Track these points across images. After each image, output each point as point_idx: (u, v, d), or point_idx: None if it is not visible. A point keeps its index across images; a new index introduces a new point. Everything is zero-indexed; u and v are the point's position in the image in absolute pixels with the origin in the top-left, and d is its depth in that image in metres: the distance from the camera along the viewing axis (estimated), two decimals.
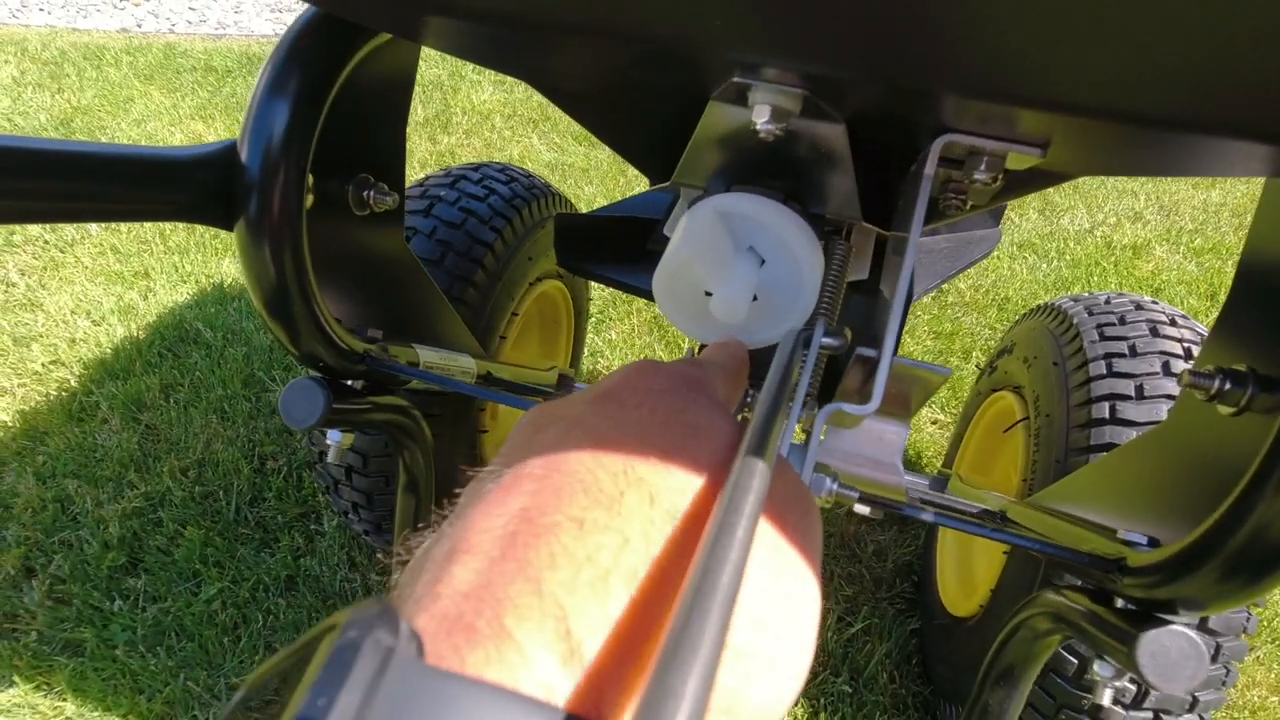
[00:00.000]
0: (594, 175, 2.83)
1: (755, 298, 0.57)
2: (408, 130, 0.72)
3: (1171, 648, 0.51)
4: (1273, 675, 1.36)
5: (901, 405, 0.53)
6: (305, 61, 0.60)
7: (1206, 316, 2.38)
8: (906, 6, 0.36)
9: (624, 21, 0.44)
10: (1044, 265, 2.57)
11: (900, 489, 0.54)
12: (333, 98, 0.62)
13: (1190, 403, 0.59)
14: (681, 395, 0.28)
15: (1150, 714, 0.87)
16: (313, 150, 0.60)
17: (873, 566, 1.49)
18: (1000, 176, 0.51)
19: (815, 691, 1.26)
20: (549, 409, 0.27)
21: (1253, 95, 0.35)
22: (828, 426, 0.55)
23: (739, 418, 0.56)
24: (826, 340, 0.50)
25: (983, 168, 0.50)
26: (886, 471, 0.54)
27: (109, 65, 3.37)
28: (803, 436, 0.53)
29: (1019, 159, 0.50)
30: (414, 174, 2.79)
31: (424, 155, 2.91)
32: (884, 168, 0.60)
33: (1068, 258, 2.62)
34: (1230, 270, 2.62)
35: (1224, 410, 0.54)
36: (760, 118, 0.48)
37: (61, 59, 3.40)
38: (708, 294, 0.57)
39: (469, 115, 3.21)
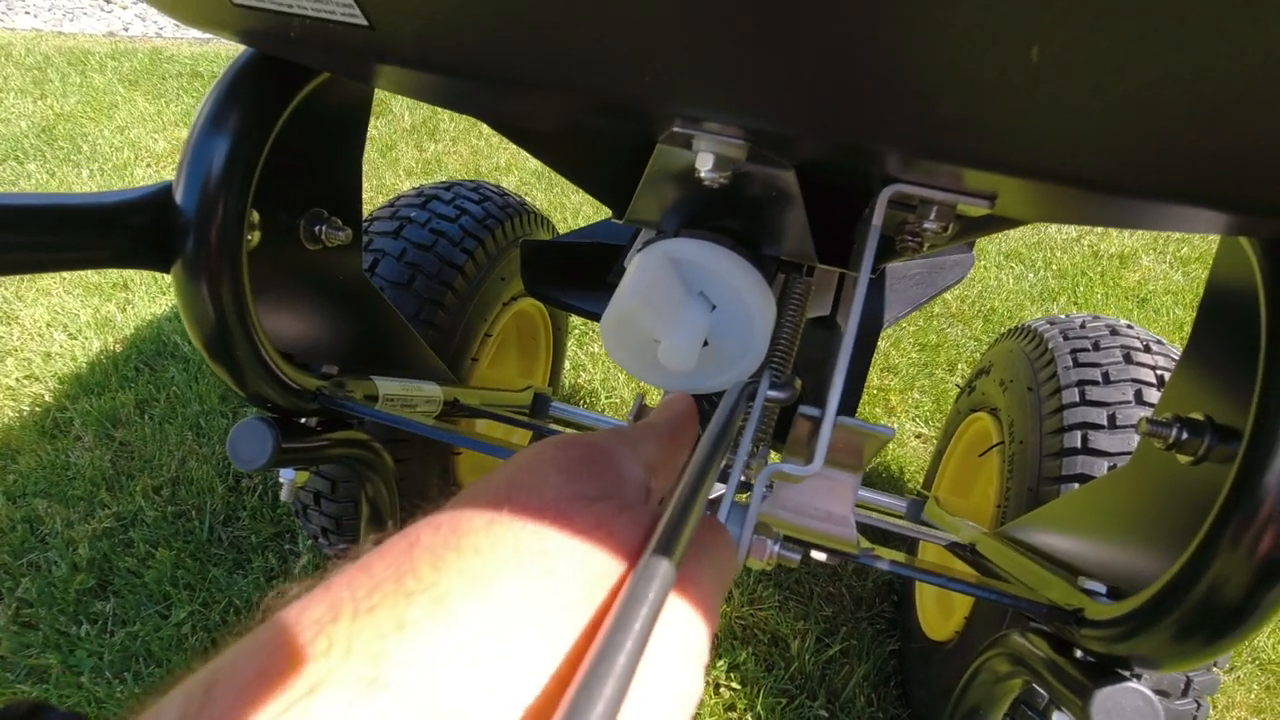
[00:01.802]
0: None
1: (706, 343, 0.56)
2: (393, 138, 0.70)
3: (1126, 706, 0.50)
4: (1252, 696, 1.35)
5: (852, 456, 0.52)
6: (247, 97, 0.58)
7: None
8: (845, 68, 0.35)
9: (562, 76, 0.43)
10: (1030, 275, 2.56)
11: (852, 542, 0.53)
12: (279, 133, 0.61)
13: (1151, 449, 0.58)
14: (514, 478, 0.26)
15: None
16: (254, 187, 0.59)
17: (853, 585, 1.48)
18: (951, 225, 0.50)
19: (791, 715, 1.25)
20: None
21: (1194, 165, 0.34)
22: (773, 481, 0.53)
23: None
24: (773, 393, 0.49)
25: (933, 216, 0.49)
26: (836, 524, 0.53)
27: (93, 70, 3.35)
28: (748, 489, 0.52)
29: (969, 209, 0.49)
30: (400, 182, 2.77)
31: (410, 163, 2.89)
32: (838, 208, 0.59)
33: (1054, 268, 2.62)
34: None
35: (1182, 459, 0.53)
36: (704, 166, 0.47)
37: (45, 64, 3.37)
38: (657, 340, 0.56)
39: (456, 122, 3.19)
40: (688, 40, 0.37)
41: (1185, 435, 0.52)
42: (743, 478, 0.48)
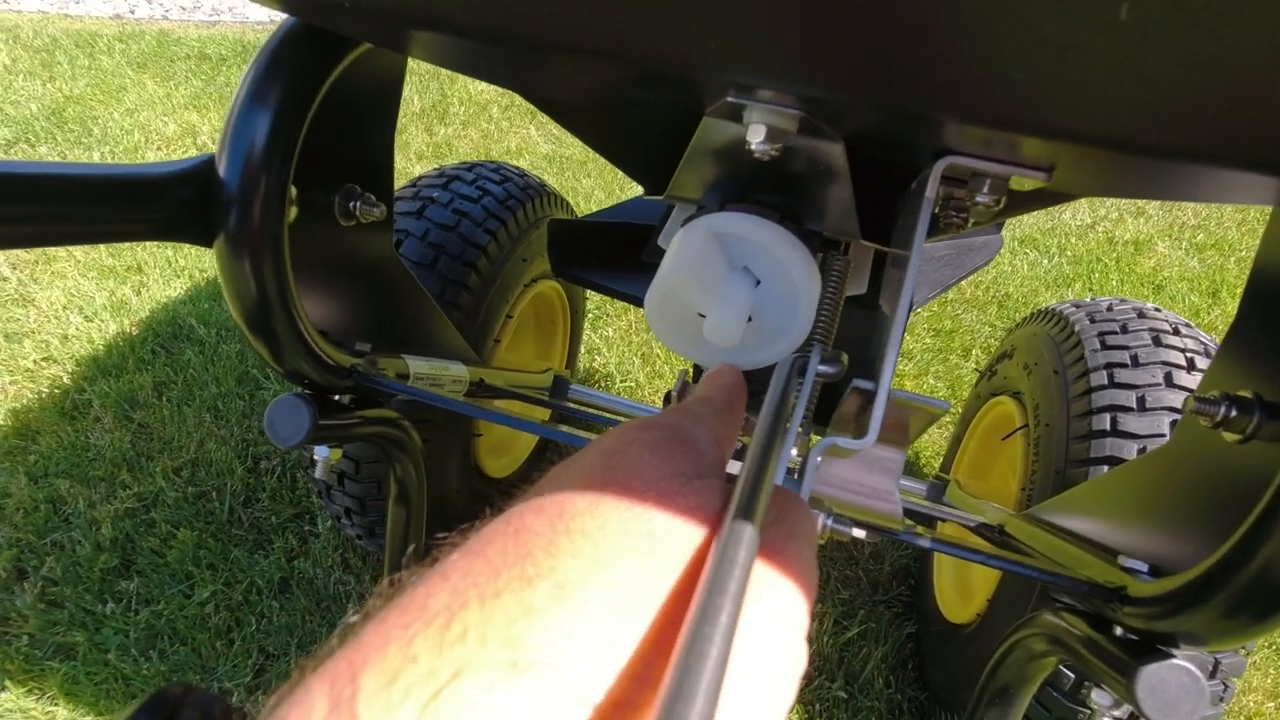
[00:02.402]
0: (592, 168, 2.80)
1: (750, 319, 0.56)
2: (403, 122, 0.70)
3: (1171, 683, 0.50)
4: (1269, 681, 1.36)
5: (899, 432, 0.52)
6: (287, 70, 0.58)
7: (1208, 314, 2.37)
8: (907, 33, 0.35)
9: (616, 42, 0.42)
10: (1045, 261, 2.55)
11: (897, 518, 0.53)
12: (316, 107, 0.60)
13: (1194, 427, 0.58)
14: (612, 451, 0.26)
15: None
16: (295, 161, 0.58)
17: (870, 569, 1.48)
18: (1003, 199, 0.49)
19: (810, 697, 1.25)
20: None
21: (1260, 130, 0.33)
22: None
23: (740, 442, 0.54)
24: (823, 368, 0.49)
25: (985, 190, 0.49)
26: (882, 499, 0.53)
27: (101, 53, 3.33)
28: (797, 461, 0.52)
29: (1023, 181, 0.48)
30: (410, 166, 2.76)
31: (420, 147, 2.88)
32: (883, 184, 0.58)
33: (1069, 254, 2.60)
34: (1233, 267, 2.60)
35: (1229, 437, 0.53)
36: (755, 138, 0.46)
37: (53, 46, 3.36)
38: (701, 315, 0.56)
39: (466, 106, 3.17)
40: (747, 5, 0.37)
41: (1233, 413, 0.51)
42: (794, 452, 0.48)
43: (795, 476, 0.46)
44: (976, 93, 0.37)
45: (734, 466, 0.74)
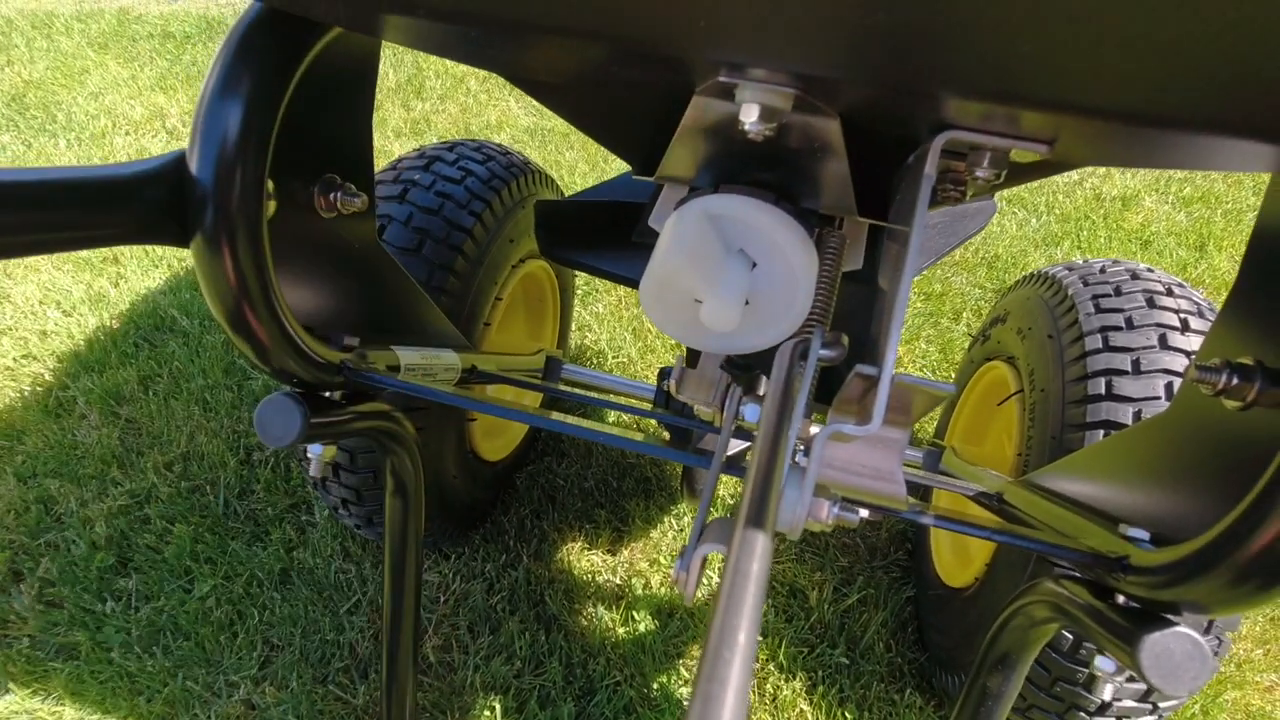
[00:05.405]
0: (575, 141, 2.75)
1: (747, 302, 0.55)
2: (379, 98, 0.67)
3: (1175, 650, 0.50)
4: (1257, 629, 1.39)
5: (902, 413, 0.51)
6: (257, 59, 0.55)
7: (1195, 268, 2.37)
8: (906, 5, 0.33)
9: (600, 22, 0.40)
10: (1033, 220, 2.54)
11: (901, 498, 0.53)
12: (289, 96, 0.58)
13: (1194, 394, 0.58)
14: None
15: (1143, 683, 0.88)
16: (270, 154, 0.56)
17: (867, 536, 1.50)
18: (1004, 172, 0.48)
19: (813, 664, 1.27)
20: None
21: (1262, 97, 0.32)
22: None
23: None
24: (823, 352, 0.48)
25: (985, 164, 0.47)
26: (886, 480, 0.52)
27: (60, 34, 3.22)
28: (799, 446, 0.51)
29: (1024, 154, 0.47)
30: (388, 143, 2.70)
31: (398, 123, 2.81)
32: (879, 158, 0.57)
33: (1057, 211, 2.60)
34: (1220, 220, 2.60)
35: (1230, 405, 0.52)
36: (748, 117, 0.45)
37: (9, 28, 3.24)
38: (698, 300, 0.54)
39: (443, 79, 3.10)
40: None
41: (1234, 380, 0.51)
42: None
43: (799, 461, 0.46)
44: (981, 67, 0.35)
45: (735, 445, 0.73)
